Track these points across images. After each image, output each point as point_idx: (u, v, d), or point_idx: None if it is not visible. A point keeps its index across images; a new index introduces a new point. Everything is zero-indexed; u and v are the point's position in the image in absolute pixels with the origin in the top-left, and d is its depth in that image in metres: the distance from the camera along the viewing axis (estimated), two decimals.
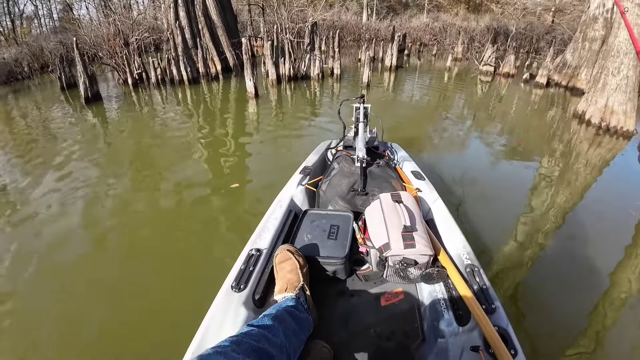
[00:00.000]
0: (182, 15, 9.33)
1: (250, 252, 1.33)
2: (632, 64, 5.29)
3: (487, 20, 19.43)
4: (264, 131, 5.16)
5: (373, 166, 1.92)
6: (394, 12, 24.35)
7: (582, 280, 2.36)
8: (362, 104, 2.20)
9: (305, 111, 6.13)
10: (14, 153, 4.50)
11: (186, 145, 4.54)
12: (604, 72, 5.51)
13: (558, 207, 3.31)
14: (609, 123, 5.39)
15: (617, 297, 2.21)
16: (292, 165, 3.71)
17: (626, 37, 5.30)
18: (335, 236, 1.40)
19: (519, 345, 0.97)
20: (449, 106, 6.98)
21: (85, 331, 1.87)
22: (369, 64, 7.74)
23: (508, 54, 10.02)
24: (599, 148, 4.97)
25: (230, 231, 2.74)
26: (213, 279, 1.40)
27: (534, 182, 3.78)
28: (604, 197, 3.64)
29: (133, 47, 8.56)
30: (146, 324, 1.90)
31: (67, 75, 8.05)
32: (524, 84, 9.03)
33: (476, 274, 1.23)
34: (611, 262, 2.55)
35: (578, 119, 5.87)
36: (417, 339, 1.16)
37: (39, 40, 13.68)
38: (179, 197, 3.27)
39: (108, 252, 2.55)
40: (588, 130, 5.50)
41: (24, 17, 21.74)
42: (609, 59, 5.46)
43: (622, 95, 5.33)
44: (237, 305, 1.11)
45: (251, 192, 3.37)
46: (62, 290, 2.19)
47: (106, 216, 2.97)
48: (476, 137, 5.24)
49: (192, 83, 8.41)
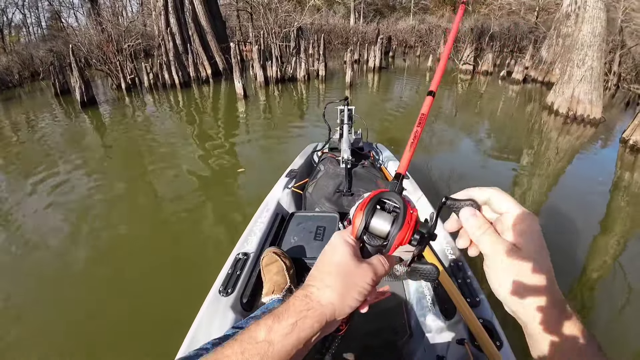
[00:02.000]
0: (173, 22, 9.62)
1: (238, 256, 1.35)
2: (596, 55, 5.68)
3: (471, 21, 19.96)
4: (252, 130, 5.44)
5: (358, 167, 1.95)
6: (381, 15, 24.80)
7: (563, 263, 2.46)
8: (346, 106, 2.22)
9: (292, 111, 6.46)
10: (20, 154, 4.75)
11: (179, 145, 4.77)
12: (569, 65, 5.90)
13: (535, 194, 3.52)
14: (575, 112, 5.77)
15: (591, 278, 2.37)
16: (279, 161, 3.97)
17: (590, 30, 5.68)
18: (322, 237, 1.43)
19: (504, 337, 1.00)
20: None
21: (70, 334, 1.91)
22: (351, 65, 8.10)
23: (486, 53, 10.43)
24: (568, 135, 5.32)
25: (219, 235, 2.78)
26: (201, 284, 1.41)
27: (513, 174, 3.97)
28: (575, 179, 3.94)
29: (126, 53, 8.82)
30: (133, 330, 1.91)
31: (60, 82, 8.26)
32: (501, 81, 9.46)
33: (460, 268, 1.26)
34: (587, 239, 2.74)
35: (548, 110, 6.24)
36: (405, 334, 1.19)
37: (28, 48, 13.80)
38: (169, 201, 3.32)
39: (97, 256, 2.57)
40: (557, 120, 5.88)
41: (12, 26, 21.79)
42: (574, 52, 5.85)
43: (587, 85, 5.70)
44: (225, 309, 1.12)
45: (240, 191, 3.49)
46: (48, 292, 2.24)
47: (100, 220, 3.01)
48: (457, 134, 5.48)
49: (184, 87, 8.69)
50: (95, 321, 1.97)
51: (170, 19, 9.60)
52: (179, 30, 9.71)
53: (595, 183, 3.81)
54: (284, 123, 5.74)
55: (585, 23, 5.70)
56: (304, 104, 6.99)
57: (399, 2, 27.48)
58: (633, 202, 3.41)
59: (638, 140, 4.56)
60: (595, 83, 5.70)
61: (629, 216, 3.17)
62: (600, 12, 5.60)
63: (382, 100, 7.64)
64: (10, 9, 20.73)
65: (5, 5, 20.07)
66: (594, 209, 3.20)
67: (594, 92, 5.71)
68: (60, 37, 15.43)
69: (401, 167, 0.56)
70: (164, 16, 9.57)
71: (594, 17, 5.56)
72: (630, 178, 3.97)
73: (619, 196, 3.55)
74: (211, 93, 8.35)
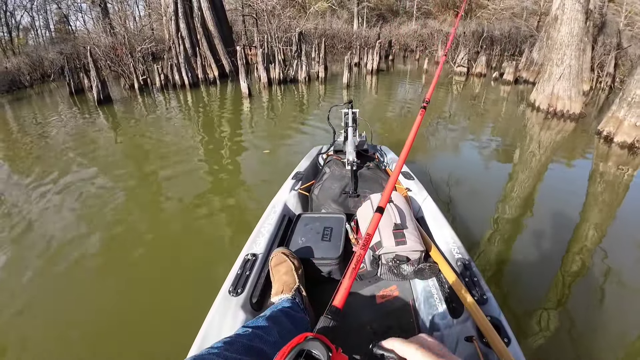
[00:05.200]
0: (183, 26, 10.22)
1: (246, 257, 1.36)
2: (574, 54, 6.09)
3: (473, 25, 20.35)
4: (256, 126, 5.91)
5: (363, 169, 1.96)
6: (384, 19, 25.23)
7: (548, 250, 2.58)
8: (350, 109, 2.24)
9: (292, 108, 7.01)
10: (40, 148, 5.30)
11: (187, 142, 5.13)
12: (549, 64, 6.32)
13: (521, 187, 3.66)
14: (555, 108, 6.18)
15: (572, 261, 2.45)
16: (282, 156, 4.33)
17: (568, 31, 6.08)
18: (329, 238, 1.44)
19: (512, 333, 1.01)
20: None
21: (83, 335, 1.90)
22: (348, 67, 8.65)
23: (480, 56, 10.85)
24: (549, 130, 5.67)
25: (228, 235, 2.80)
26: (211, 284, 1.42)
27: (508, 173, 4.09)
28: (556, 171, 4.16)
29: (139, 55, 9.43)
30: (145, 332, 1.91)
31: (75, 82, 8.87)
32: (494, 82, 9.88)
33: (467, 267, 1.26)
34: (569, 227, 2.88)
35: (531, 107, 6.65)
36: (413, 333, 1.17)
37: (38, 50, 14.35)
38: (179, 201, 3.34)
39: (107, 257, 2.57)
40: (538, 115, 6.28)
41: (21, 29, 22.19)
42: (553, 51, 6.27)
43: (566, 82, 6.11)
44: (235, 309, 1.13)
45: (244, 190, 3.54)
46: (59, 292, 2.24)
47: (111, 220, 3.03)
48: (455, 134, 5.59)
49: (193, 87, 9.29)
50: (104, 322, 1.97)
51: (180, 24, 10.20)
52: (188, 34, 10.30)
53: (575, 174, 4.12)
54: (285, 118, 6.24)
55: (563, 24, 6.10)
56: (304, 102, 7.51)
57: (402, 7, 27.89)
58: (608, 190, 3.67)
59: (611, 131, 4.92)
60: (573, 80, 6.10)
61: (605, 202, 3.39)
62: (578, 13, 5.99)
63: (375, 99, 8.14)
64: (18, 12, 21.23)
65: (14, 7, 20.58)
66: (574, 199, 3.41)
67: (573, 89, 6.11)
68: (69, 40, 16.06)
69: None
70: (174, 21, 10.17)
71: (571, 18, 5.97)
72: (605, 167, 4.25)
73: (595, 184, 3.81)
74: (218, 93, 8.90)
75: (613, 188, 3.73)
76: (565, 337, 1.84)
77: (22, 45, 20.00)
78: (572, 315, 1.98)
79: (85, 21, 23.32)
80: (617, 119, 4.87)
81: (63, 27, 23.50)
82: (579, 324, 1.92)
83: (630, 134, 4.70)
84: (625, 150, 4.65)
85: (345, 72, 8.60)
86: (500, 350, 0.93)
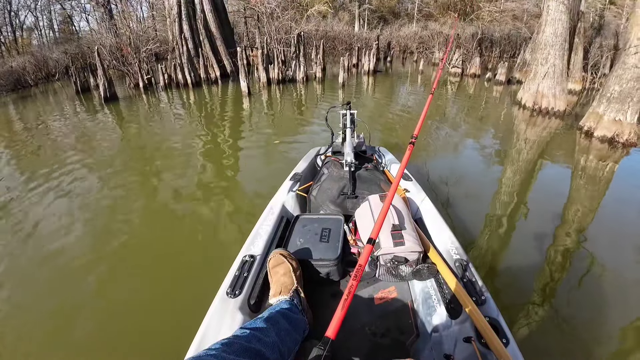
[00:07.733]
0: (186, 28, 10.59)
1: (244, 258, 1.36)
2: (558, 54, 6.34)
3: (472, 28, 20.54)
4: (254, 124, 6.20)
5: (361, 170, 1.95)
6: (385, 21, 25.45)
7: (536, 241, 2.63)
8: (348, 111, 2.23)
9: (291, 106, 7.34)
10: (52, 140, 5.63)
11: (189, 138, 5.39)
12: (534, 63, 6.59)
13: (510, 182, 3.73)
14: (540, 105, 6.44)
15: (557, 250, 2.50)
16: (280, 154, 4.48)
17: (552, 31, 6.35)
18: (327, 239, 1.44)
19: (510, 334, 1.01)
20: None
21: (79, 337, 1.88)
22: (344, 68, 9.01)
23: (474, 57, 11.11)
24: (535, 126, 5.89)
25: (225, 236, 2.78)
26: (209, 286, 1.42)
27: (500, 171, 4.17)
28: (542, 166, 4.31)
29: (143, 55, 9.81)
30: (142, 333, 1.89)
31: (81, 80, 9.27)
32: (487, 82, 10.14)
33: (465, 268, 1.26)
34: (555, 218, 2.94)
35: (518, 105, 6.91)
36: (412, 334, 1.19)
37: (42, 50, 14.67)
38: (177, 201, 3.34)
39: (105, 257, 2.54)
40: (524, 113, 6.53)
41: (24, 29, 22.51)
42: (538, 51, 6.54)
43: (550, 80, 6.38)
44: (233, 311, 1.13)
45: (242, 190, 3.56)
46: (58, 292, 2.22)
47: (110, 220, 3.03)
48: (449, 134, 5.65)
49: (195, 86, 9.67)
50: (101, 322, 1.97)
51: (184, 26, 10.58)
52: (191, 35, 10.67)
53: (559, 169, 4.28)
54: (283, 117, 6.58)
55: (547, 25, 6.36)
56: (302, 101, 7.84)
57: (403, 9, 28.12)
58: (590, 182, 3.81)
59: (591, 126, 5.15)
60: (558, 78, 6.35)
61: (587, 194, 3.50)
62: (562, 14, 6.24)
63: (372, 99, 8.42)
64: (22, 12, 21.55)
65: (18, 7, 20.91)
66: (559, 191, 3.52)
67: (557, 87, 6.37)
68: (73, 40, 16.39)
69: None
70: (177, 23, 10.56)
71: (555, 19, 6.24)
72: (585, 160, 4.41)
73: (577, 177, 3.95)
74: (219, 92, 9.24)
75: (594, 180, 3.85)
76: (564, 337, 1.84)
77: (26, 45, 20.38)
78: (572, 315, 1.98)
79: (90, 22, 23.75)
80: (598, 114, 5.10)
81: (67, 28, 23.95)
82: (578, 324, 1.93)
83: (610, 128, 4.92)
84: (605, 144, 4.86)
85: (340, 73, 8.93)
86: (498, 350, 0.94)
